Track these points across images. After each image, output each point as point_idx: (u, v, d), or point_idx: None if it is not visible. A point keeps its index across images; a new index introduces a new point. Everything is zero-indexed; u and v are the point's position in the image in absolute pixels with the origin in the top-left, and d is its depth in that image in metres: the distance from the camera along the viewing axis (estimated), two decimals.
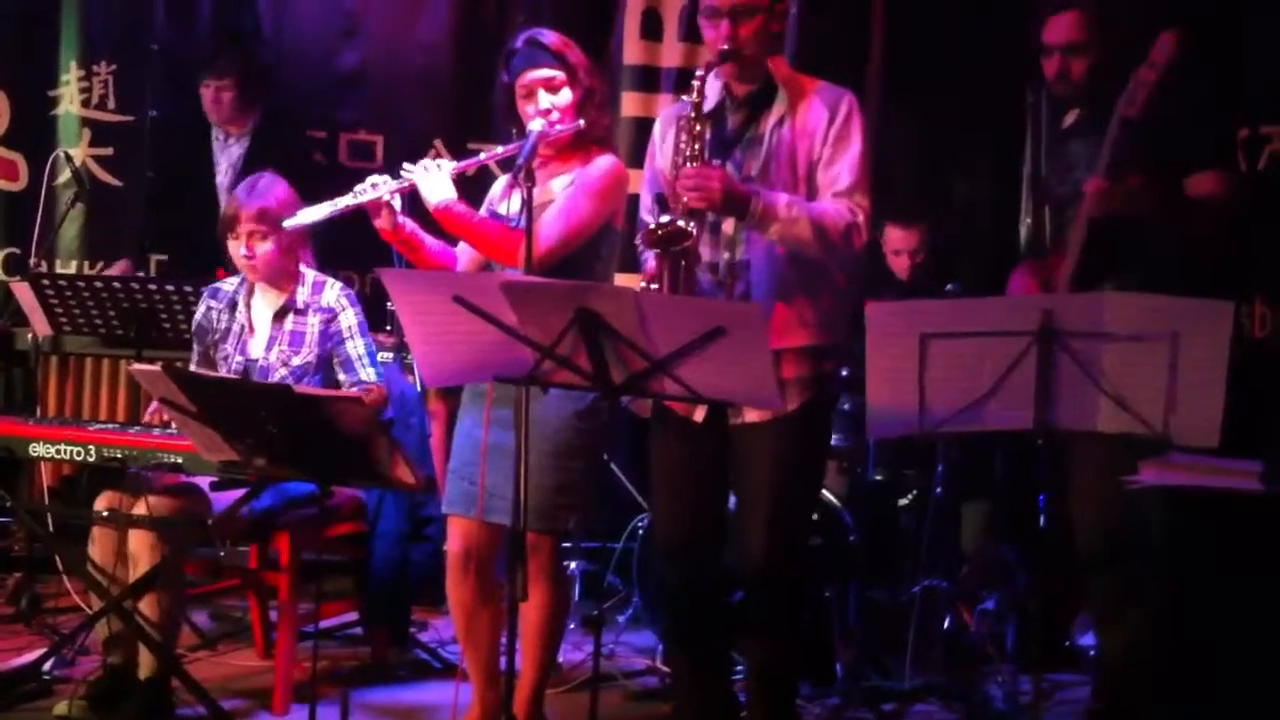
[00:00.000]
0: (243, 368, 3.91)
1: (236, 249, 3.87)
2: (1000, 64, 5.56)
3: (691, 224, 2.96)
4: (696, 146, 3.05)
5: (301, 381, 3.80)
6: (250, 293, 3.99)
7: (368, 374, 3.89)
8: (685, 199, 2.98)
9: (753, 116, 3.19)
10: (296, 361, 3.89)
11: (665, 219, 2.97)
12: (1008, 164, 5.63)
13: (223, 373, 3.90)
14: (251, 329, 3.96)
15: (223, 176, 5.26)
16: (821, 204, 3.11)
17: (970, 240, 5.55)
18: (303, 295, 3.94)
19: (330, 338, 3.91)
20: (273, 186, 3.89)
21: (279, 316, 3.94)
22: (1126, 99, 3.23)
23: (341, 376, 3.90)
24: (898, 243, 4.94)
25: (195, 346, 4.04)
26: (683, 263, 2.98)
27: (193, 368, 3.99)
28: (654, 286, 2.98)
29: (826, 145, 3.14)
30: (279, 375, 3.85)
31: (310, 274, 3.98)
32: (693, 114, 3.07)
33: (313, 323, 3.92)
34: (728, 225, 3.15)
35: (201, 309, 4.03)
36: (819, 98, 3.18)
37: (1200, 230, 3.30)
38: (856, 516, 4.38)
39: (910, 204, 5.04)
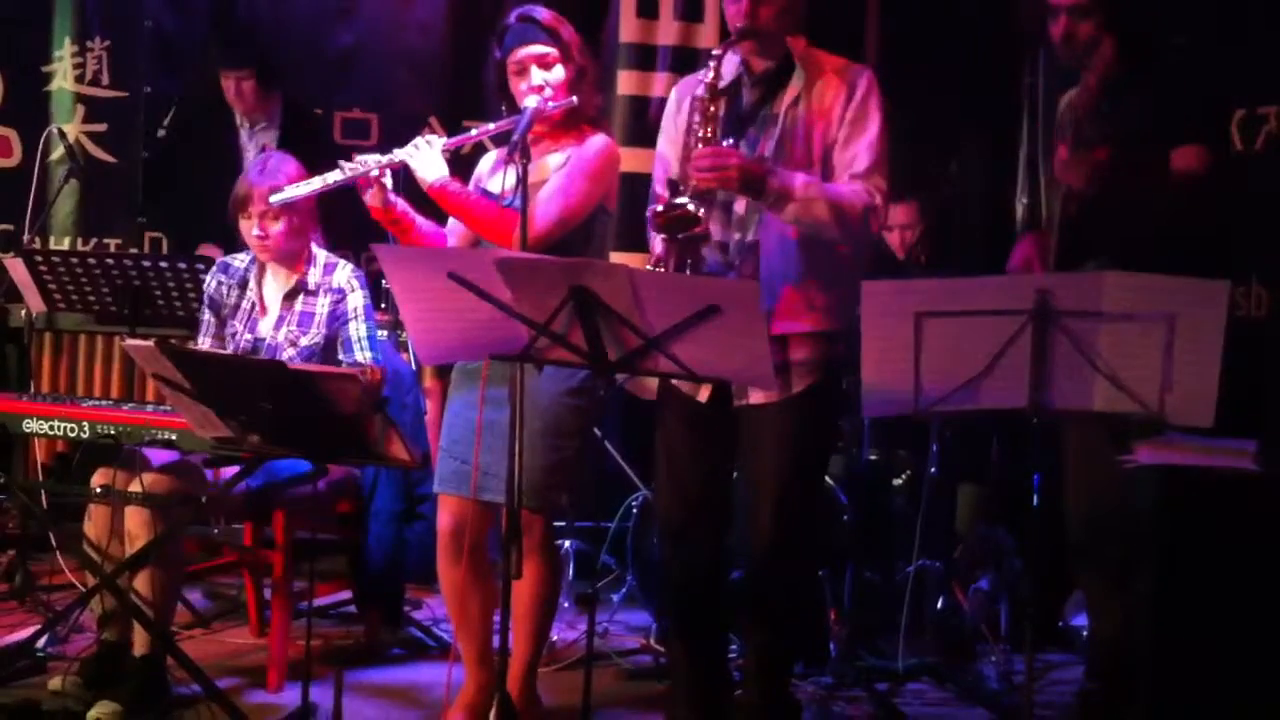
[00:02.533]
0: (251, 346, 3.90)
1: (249, 229, 3.86)
2: (996, 44, 5.57)
3: (700, 209, 2.91)
4: (710, 129, 3.00)
5: (309, 362, 3.78)
6: (262, 271, 3.98)
7: (364, 356, 3.87)
8: (695, 180, 2.94)
9: (768, 94, 3.16)
10: (305, 342, 3.88)
11: (677, 200, 2.91)
12: (1003, 144, 5.64)
13: (230, 350, 3.89)
14: (263, 308, 3.95)
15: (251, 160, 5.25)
16: (839, 185, 3.07)
17: (965, 221, 5.56)
18: (314, 276, 3.93)
19: (337, 318, 3.90)
20: (283, 165, 3.87)
21: (290, 297, 3.92)
22: (1077, 107, 3.25)
23: (340, 357, 3.89)
24: (893, 218, 4.92)
25: (207, 316, 4.01)
26: (689, 250, 2.94)
27: (203, 338, 3.98)
28: (659, 270, 2.95)
29: (843, 125, 3.10)
30: (287, 355, 3.84)
31: (322, 255, 3.97)
32: (707, 95, 3.02)
33: (322, 304, 3.91)
34: (740, 205, 3.11)
35: (213, 283, 4.02)
36: (837, 76, 3.13)
37: (1176, 206, 3.28)
38: (851, 497, 4.39)
39: (904, 180, 5.03)
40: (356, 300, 3.92)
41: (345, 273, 3.95)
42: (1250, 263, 4.29)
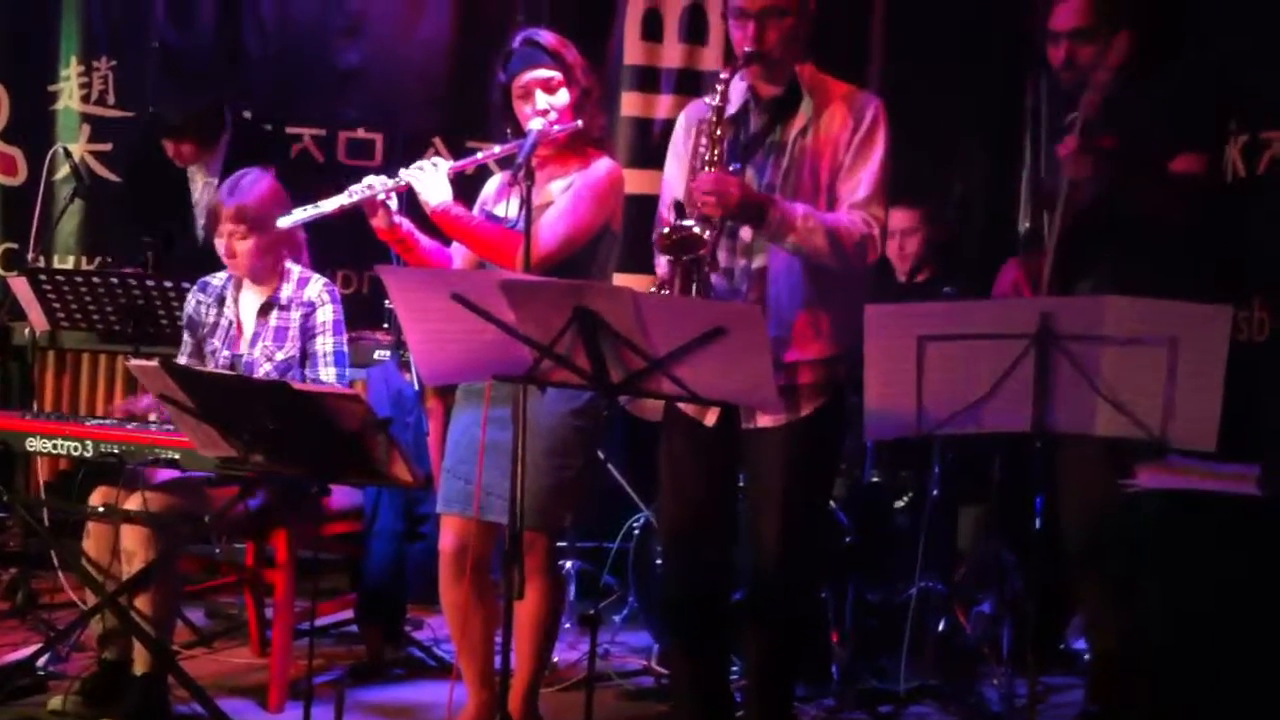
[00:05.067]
0: (229, 362, 3.91)
1: (220, 245, 3.88)
2: (1001, 66, 5.58)
3: (706, 230, 2.90)
4: (716, 152, 2.99)
5: (286, 376, 3.80)
6: (238, 288, 3.99)
7: (327, 374, 3.88)
8: (700, 204, 2.93)
9: (776, 121, 3.15)
10: (280, 356, 3.89)
11: (682, 223, 2.91)
12: (1006, 166, 5.64)
13: (211, 367, 3.90)
14: (239, 325, 3.96)
15: (198, 194, 5.26)
16: (837, 215, 3.07)
17: (967, 242, 5.56)
18: (287, 291, 3.94)
19: (307, 331, 3.91)
20: (255, 185, 3.88)
21: (263, 312, 3.94)
22: (1084, 105, 3.24)
23: (305, 373, 3.89)
24: (894, 223, 4.91)
25: (187, 338, 4.04)
26: (694, 272, 2.93)
27: (183, 359, 3.99)
28: (665, 292, 2.93)
29: (849, 153, 3.10)
30: (264, 370, 3.85)
31: (296, 270, 3.98)
32: (714, 117, 3.00)
33: (295, 317, 3.92)
34: (745, 232, 3.11)
35: (192, 302, 4.04)
36: (845, 104, 3.13)
37: (1174, 209, 3.25)
38: (853, 518, 4.38)
39: (903, 185, 5.01)
40: (326, 314, 3.93)
41: (317, 287, 3.96)
42: (1252, 286, 4.29)
